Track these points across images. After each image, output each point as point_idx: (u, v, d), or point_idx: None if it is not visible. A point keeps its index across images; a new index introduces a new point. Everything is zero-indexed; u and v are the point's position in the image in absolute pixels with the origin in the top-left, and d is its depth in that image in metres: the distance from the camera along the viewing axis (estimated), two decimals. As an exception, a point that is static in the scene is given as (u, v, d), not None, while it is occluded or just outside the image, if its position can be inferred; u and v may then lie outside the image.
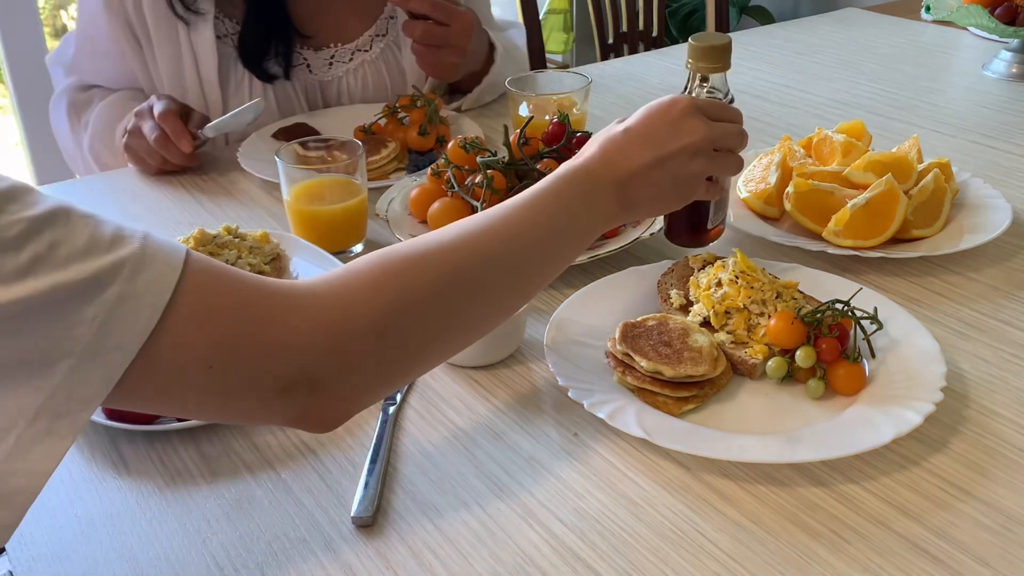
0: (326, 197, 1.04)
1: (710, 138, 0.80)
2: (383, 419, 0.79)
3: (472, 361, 0.86)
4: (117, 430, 0.79)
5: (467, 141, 1.07)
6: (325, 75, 1.41)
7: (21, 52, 2.49)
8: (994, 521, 0.68)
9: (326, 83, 1.42)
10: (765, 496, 0.71)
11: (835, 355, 0.80)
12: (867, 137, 1.17)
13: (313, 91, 1.42)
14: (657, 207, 0.82)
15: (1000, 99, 1.51)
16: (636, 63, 1.77)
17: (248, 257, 0.98)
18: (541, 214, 0.72)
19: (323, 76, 1.41)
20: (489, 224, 0.70)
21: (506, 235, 0.70)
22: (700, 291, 0.87)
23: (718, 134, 0.81)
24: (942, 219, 1.04)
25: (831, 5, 3.26)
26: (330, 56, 1.41)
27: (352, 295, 0.62)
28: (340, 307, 0.61)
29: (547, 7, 3.37)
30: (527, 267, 0.72)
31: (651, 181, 0.78)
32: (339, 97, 1.43)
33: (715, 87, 0.88)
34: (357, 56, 1.42)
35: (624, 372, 0.79)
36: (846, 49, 1.78)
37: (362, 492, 0.71)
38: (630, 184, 0.77)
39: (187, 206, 1.21)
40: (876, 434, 0.72)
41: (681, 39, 3.20)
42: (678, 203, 0.83)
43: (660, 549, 0.66)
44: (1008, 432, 0.76)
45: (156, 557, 0.67)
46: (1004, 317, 0.92)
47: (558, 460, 0.75)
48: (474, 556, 0.66)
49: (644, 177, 0.78)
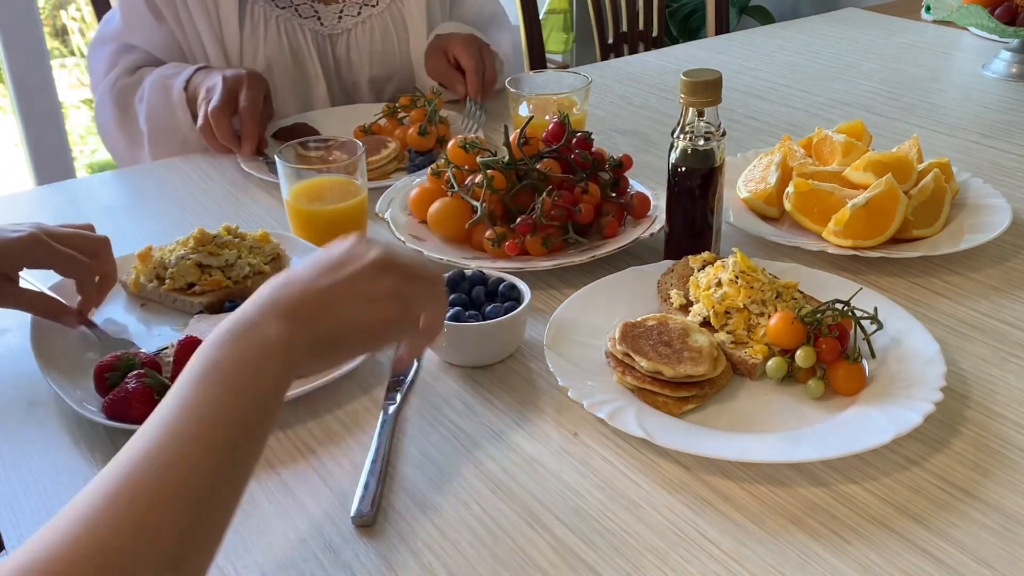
0: (326, 197, 1.04)
1: (399, 291, 0.65)
2: (383, 419, 0.79)
3: (470, 361, 0.86)
4: (117, 430, 0.79)
5: (467, 141, 1.07)
6: (335, 28, 1.46)
7: (21, 52, 2.49)
8: (994, 521, 0.68)
9: (336, 36, 1.46)
10: (765, 496, 0.71)
11: (835, 355, 0.80)
12: (867, 137, 1.17)
13: (323, 44, 1.46)
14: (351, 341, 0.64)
15: (1000, 99, 1.51)
16: (636, 63, 1.77)
17: (248, 257, 0.98)
18: (192, 420, 0.53)
19: (333, 29, 1.46)
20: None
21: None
22: (700, 291, 0.87)
23: (412, 291, 0.66)
24: (942, 219, 1.04)
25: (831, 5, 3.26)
26: (339, 10, 1.45)
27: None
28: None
29: (547, 7, 3.37)
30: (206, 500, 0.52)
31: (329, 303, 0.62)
32: (348, 50, 1.47)
33: (708, 120, 0.92)
34: (365, 10, 1.46)
35: (624, 372, 0.79)
36: (846, 49, 1.78)
37: (362, 492, 0.71)
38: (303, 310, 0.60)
39: (187, 206, 1.21)
40: (876, 434, 0.72)
41: (681, 39, 3.20)
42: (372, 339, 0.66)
43: (660, 549, 0.66)
44: (1008, 432, 0.76)
45: (156, 557, 0.67)
46: (1004, 317, 0.92)
47: (558, 460, 0.75)
48: (474, 556, 0.66)
49: (319, 299, 0.61)
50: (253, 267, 0.98)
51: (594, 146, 1.07)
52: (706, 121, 0.93)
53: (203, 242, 0.98)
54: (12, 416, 0.82)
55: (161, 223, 1.17)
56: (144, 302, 0.97)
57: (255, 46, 1.40)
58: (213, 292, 0.95)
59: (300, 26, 1.43)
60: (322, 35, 1.45)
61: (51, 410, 0.83)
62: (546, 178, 1.02)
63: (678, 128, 0.94)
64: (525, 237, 0.99)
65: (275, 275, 0.64)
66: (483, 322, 0.84)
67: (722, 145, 0.94)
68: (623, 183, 1.08)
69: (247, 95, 1.27)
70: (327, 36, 1.46)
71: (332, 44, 1.46)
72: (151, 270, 0.97)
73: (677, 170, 0.95)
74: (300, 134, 1.33)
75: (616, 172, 1.07)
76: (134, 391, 0.77)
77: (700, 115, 0.93)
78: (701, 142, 0.93)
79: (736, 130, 1.40)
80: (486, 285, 0.89)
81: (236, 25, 1.38)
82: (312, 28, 1.44)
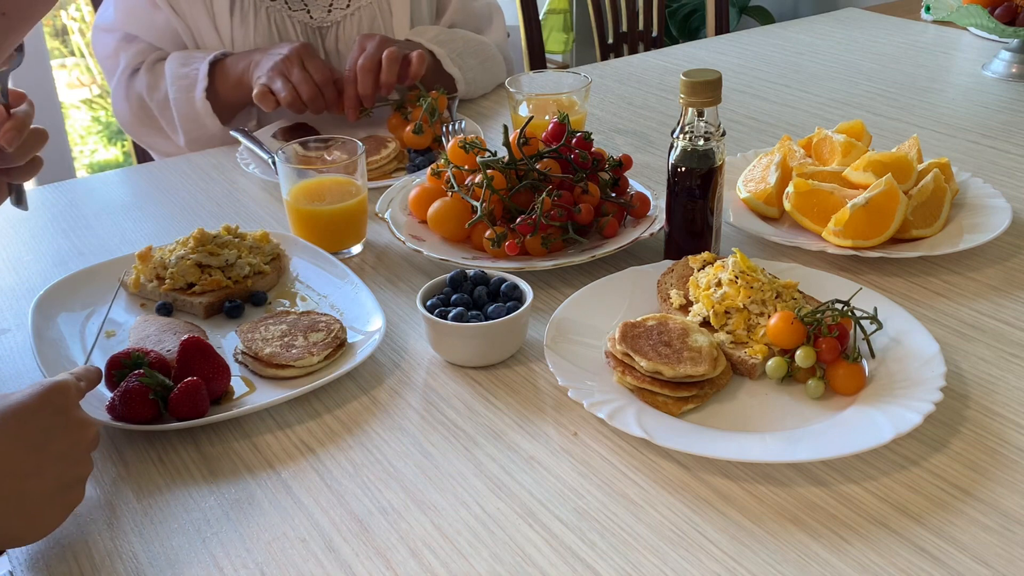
0: (326, 197, 1.04)
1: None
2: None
3: (472, 361, 0.86)
4: (117, 430, 0.79)
5: (467, 141, 1.07)
6: (324, 20, 1.45)
7: (21, 52, 2.49)
8: (994, 521, 0.68)
9: (325, 28, 1.46)
10: (765, 496, 0.71)
11: (835, 355, 0.80)
12: (867, 137, 1.17)
13: (313, 37, 1.46)
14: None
15: (1000, 99, 1.51)
16: (636, 63, 1.77)
17: (248, 257, 0.98)
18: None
19: (322, 22, 1.45)
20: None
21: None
22: (700, 291, 0.87)
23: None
24: (942, 219, 1.04)
25: (831, 5, 3.26)
26: (329, 3, 1.45)
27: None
28: None
29: (547, 7, 3.37)
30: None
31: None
32: (337, 42, 1.47)
33: (708, 120, 0.93)
34: (354, 3, 1.46)
35: (624, 372, 0.79)
36: (846, 49, 1.78)
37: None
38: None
39: (187, 206, 1.21)
40: (876, 434, 0.72)
41: (681, 39, 3.20)
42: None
43: (660, 549, 0.66)
44: (1008, 432, 0.76)
45: (156, 557, 0.67)
46: (1004, 317, 0.92)
47: (558, 460, 0.75)
48: (474, 556, 0.66)
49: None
50: (253, 267, 0.98)
51: (594, 146, 1.07)
52: (706, 121, 0.93)
53: (203, 242, 0.98)
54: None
55: (161, 223, 1.17)
56: (144, 302, 0.97)
57: (244, 36, 1.41)
58: (213, 292, 0.95)
59: (289, 18, 1.43)
60: (311, 27, 1.45)
61: (51, 410, 0.83)
62: (546, 178, 1.02)
63: (678, 128, 0.94)
64: (525, 237, 0.99)
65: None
66: (486, 322, 0.84)
67: (722, 145, 0.94)
68: (623, 183, 1.08)
69: (315, 64, 1.30)
70: (316, 29, 1.46)
71: (322, 37, 1.46)
72: (151, 270, 0.97)
73: (677, 170, 0.95)
74: (300, 134, 1.33)
75: (616, 172, 1.07)
76: (131, 390, 0.77)
77: (700, 115, 0.93)
78: (701, 142, 0.93)
79: (736, 130, 1.40)
80: (488, 285, 0.89)
81: (227, 14, 1.39)
82: (301, 20, 1.44)
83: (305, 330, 0.87)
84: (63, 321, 0.91)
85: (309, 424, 0.80)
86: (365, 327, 0.90)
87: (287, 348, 0.85)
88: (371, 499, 0.72)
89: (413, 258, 1.06)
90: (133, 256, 0.99)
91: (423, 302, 0.87)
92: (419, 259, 1.04)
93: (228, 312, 0.95)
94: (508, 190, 1.02)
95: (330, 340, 0.86)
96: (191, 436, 0.79)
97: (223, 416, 0.78)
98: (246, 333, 0.87)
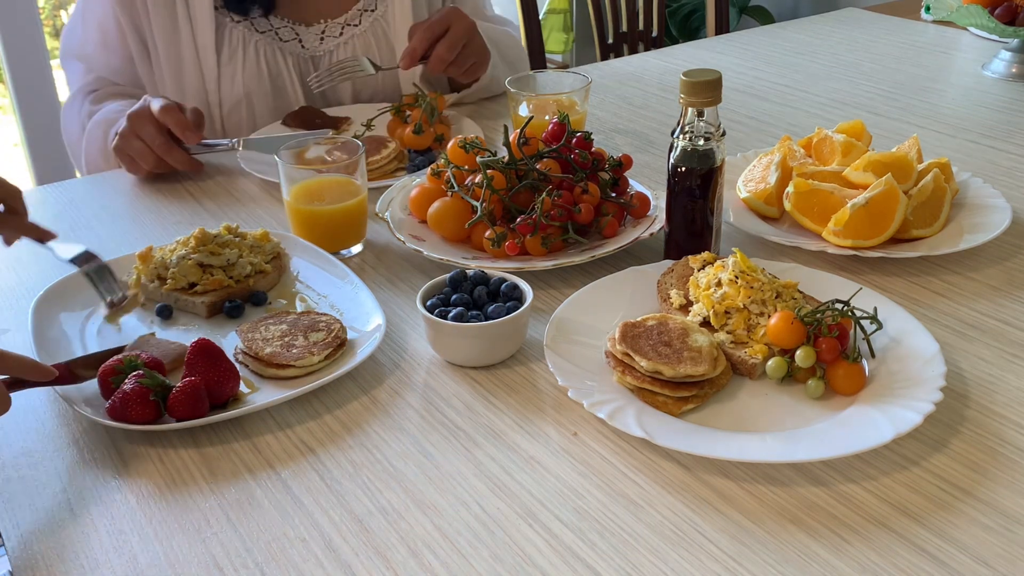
0: (326, 197, 1.04)
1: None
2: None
3: (472, 361, 0.86)
4: (117, 430, 0.79)
5: (467, 141, 1.07)
6: (317, 50, 1.43)
7: (21, 52, 2.49)
8: (994, 521, 0.68)
9: (318, 58, 1.44)
10: (765, 496, 0.71)
11: (835, 355, 0.80)
12: (867, 137, 1.17)
13: (305, 66, 1.44)
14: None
15: (1000, 99, 1.51)
16: (636, 63, 1.77)
17: (249, 256, 0.98)
18: None
19: (315, 51, 1.43)
20: None
21: None
22: (700, 291, 0.87)
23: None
24: (942, 219, 1.04)
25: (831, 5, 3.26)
26: (320, 31, 1.42)
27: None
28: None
29: (547, 7, 3.37)
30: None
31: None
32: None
33: (708, 120, 0.93)
34: (347, 31, 1.43)
35: (624, 372, 0.79)
36: (846, 49, 1.78)
37: None
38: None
39: (187, 206, 1.21)
40: (876, 434, 0.72)
41: (681, 39, 3.20)
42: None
43: (660, 549, 0.66)
44: (1008, 432, 0.76)
45: (156, 557, 0.67)
46: (1004, 317, 0.92)
47: (558, 460, 0.75)
48: (474, 556, 0.66)
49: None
50: (254, 266, 0.98)
51: (594, 146, 1.07)
52: (706, 121, 0.93)
53: (204, 242, 0.98)
54: (12, 416, 0.82)
55: (161, 223, 1.17)
56: (145, 302, 0.97)
57: (232, 73, 1.37)
58: (215, 291, 0.95)
59: (280, 50, 1.40)
60: (304, 58, 1.42)
61: (51, 410, 0.83)
62: (546, 178, 1.02)
63: (678, 128, 0.94)
64: (525, 237, 0.99)
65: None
66: (486, 322, 0.84)
67: (722, 145, 0.94)
68: (623, 183, 1.08)
69: (156, 101, 1.22)
70: (309, 59, 1.43)
71: (315, 66, 1.43)
72: (152, 270, 0.97)
73: (677, 170, 0.95)
74: (308, 116, 1.34)
75: (616, 172, 1.07)
76: (131, 392, 0.77)
77: (700, 115, 0.93)
78: (701, 142, 0.94)
79: (736, 130, 1.40)
80: (488, 285, 0.89)
81: (213, 51, 1.36)
82: (293, 51, 1.41)
83: (305, 330, 0.87)
84: (63, 321, 0.91)
85: (309, 424, 0.80)
86: (365, 327, 0.90)
87: (287, 348, 0.85)
88: (371, 499, 0.72)
89: (413, 258, 1.06)
90: (133, 256, 0.99)
91: (423, 302, 0.87)
92: (419, 259, 1.04)
93: (228, 312, 0.95)
94: (508, 190, 1.02)
95: (330, 340, 0.86)
96: (191, 436, 0.79)
97: (223, 416, 0.78)
98: (246, 333, 0.87)
